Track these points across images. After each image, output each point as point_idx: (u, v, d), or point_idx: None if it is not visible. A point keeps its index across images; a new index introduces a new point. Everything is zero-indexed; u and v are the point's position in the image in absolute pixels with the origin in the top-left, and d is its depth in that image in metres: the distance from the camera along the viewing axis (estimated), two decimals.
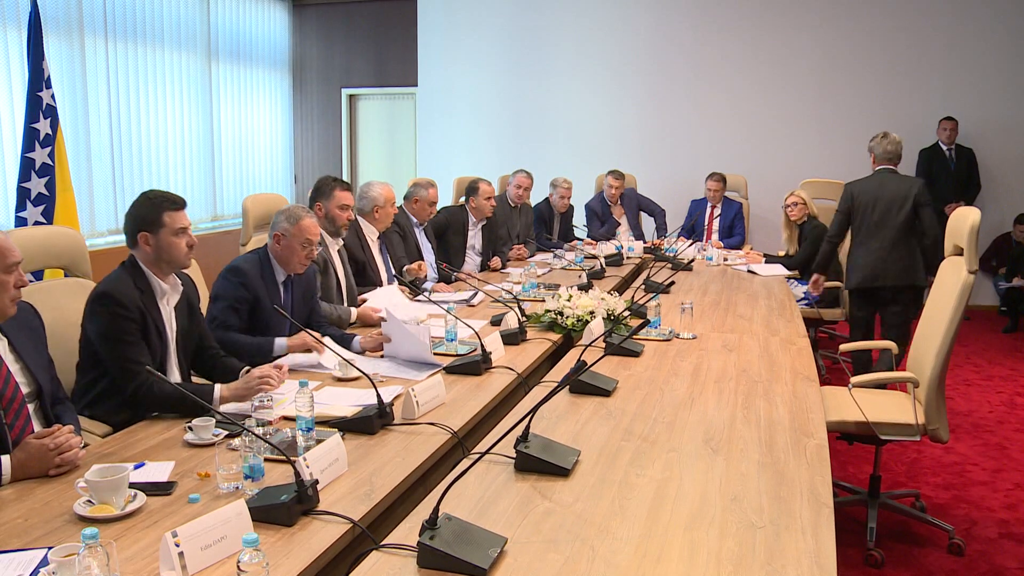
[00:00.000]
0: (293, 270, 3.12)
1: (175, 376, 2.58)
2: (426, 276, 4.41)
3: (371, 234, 4.18)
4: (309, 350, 2.97)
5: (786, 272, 5.43)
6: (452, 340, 3.17)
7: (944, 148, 7.21)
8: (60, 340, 2.53)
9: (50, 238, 2.82)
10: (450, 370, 2.87)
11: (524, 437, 2.02)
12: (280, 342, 3.00)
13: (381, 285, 4.11)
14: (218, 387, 2.43)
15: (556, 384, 2.00)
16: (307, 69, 9.46)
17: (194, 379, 2.73)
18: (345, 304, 3.74)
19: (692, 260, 5.68)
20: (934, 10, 7.44)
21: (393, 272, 4.25)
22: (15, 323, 2.15)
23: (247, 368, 2.53)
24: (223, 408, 2.38)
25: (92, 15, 6.27)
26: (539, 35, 8.41)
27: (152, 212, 2.51)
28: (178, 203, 2.55)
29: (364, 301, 3.78)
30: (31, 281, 3.02)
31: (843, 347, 3.71)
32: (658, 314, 3.47)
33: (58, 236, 2.87)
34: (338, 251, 3.83)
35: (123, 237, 2.60)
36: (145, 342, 2.46)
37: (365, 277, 4.08)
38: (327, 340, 3.02)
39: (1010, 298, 7.10)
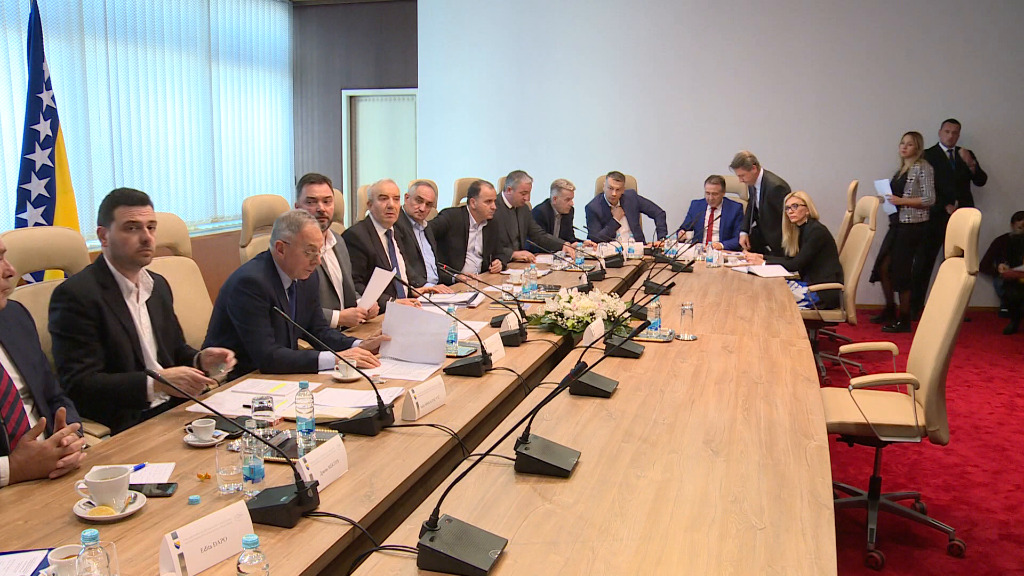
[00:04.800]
0: (299, 276, 3.07)
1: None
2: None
3: (379, 229, 4.23)
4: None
5: (786, 273, 5.43)
6: (452, 342, 3.17)
7: (945, 150, 7.20)
8: None
9: (50, 239, 2.82)
10: (450, 371, 2.87)
11: (524, 438, 2.02)
12: (326, 356, 2.86)
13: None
14: (151, 379, 2.43)
15: (556, 385, 2.00)
16: (307, 70, 9.46)
17: None
18: (342, 303, 3.73)
19: (692, 261, 5.67)
20: (936, 13, 7.43)
21: (400, 275, 4.22)
22: (5, 323, 2.15)
23: (197, 355, 2.63)
24: (228, 411, 2.36)
25: (92, 16, 6.27)
26: (540, 37, 8.41)
27: (106, 206, 2.53)
28: (132, 198, 2.53)
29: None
30: (30, 282, 3.04)
31: (843, 349, 3.71)
32: (658, 315, 3.46)
33: (58, 237, 2.87)
34: (333, 248, 3.81)
35: None
36: (107, 339, 2.46)
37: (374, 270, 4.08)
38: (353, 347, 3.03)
39: (1011, 299, 7.10)
